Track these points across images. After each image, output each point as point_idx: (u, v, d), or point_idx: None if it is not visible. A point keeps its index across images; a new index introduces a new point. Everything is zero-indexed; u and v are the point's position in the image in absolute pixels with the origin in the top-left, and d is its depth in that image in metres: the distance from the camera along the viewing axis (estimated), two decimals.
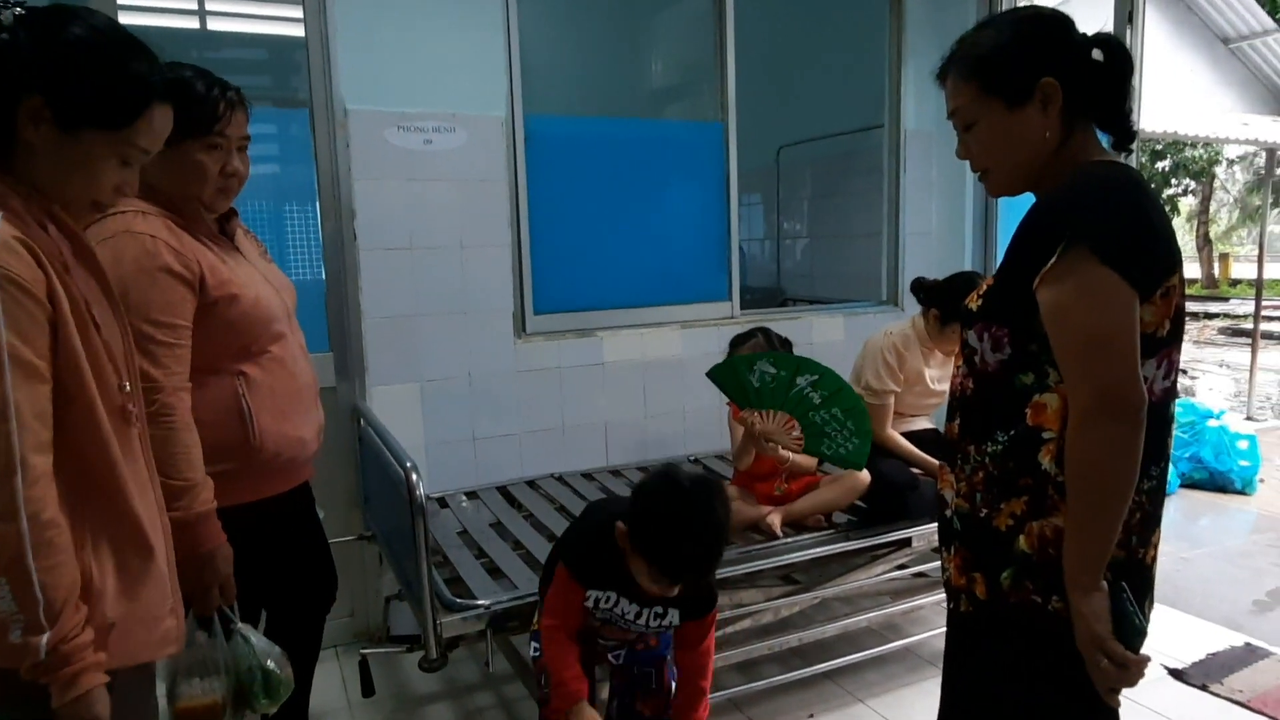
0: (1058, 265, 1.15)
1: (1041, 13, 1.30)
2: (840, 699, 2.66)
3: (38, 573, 1.06)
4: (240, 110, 1.78)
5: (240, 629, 1.71)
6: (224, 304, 1.72)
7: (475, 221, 3.07)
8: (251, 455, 1.79)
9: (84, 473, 1.17)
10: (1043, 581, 1.23)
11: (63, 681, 1.10)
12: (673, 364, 3.46)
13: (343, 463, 2.93)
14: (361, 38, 2.85)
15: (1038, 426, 1.23)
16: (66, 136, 1.13)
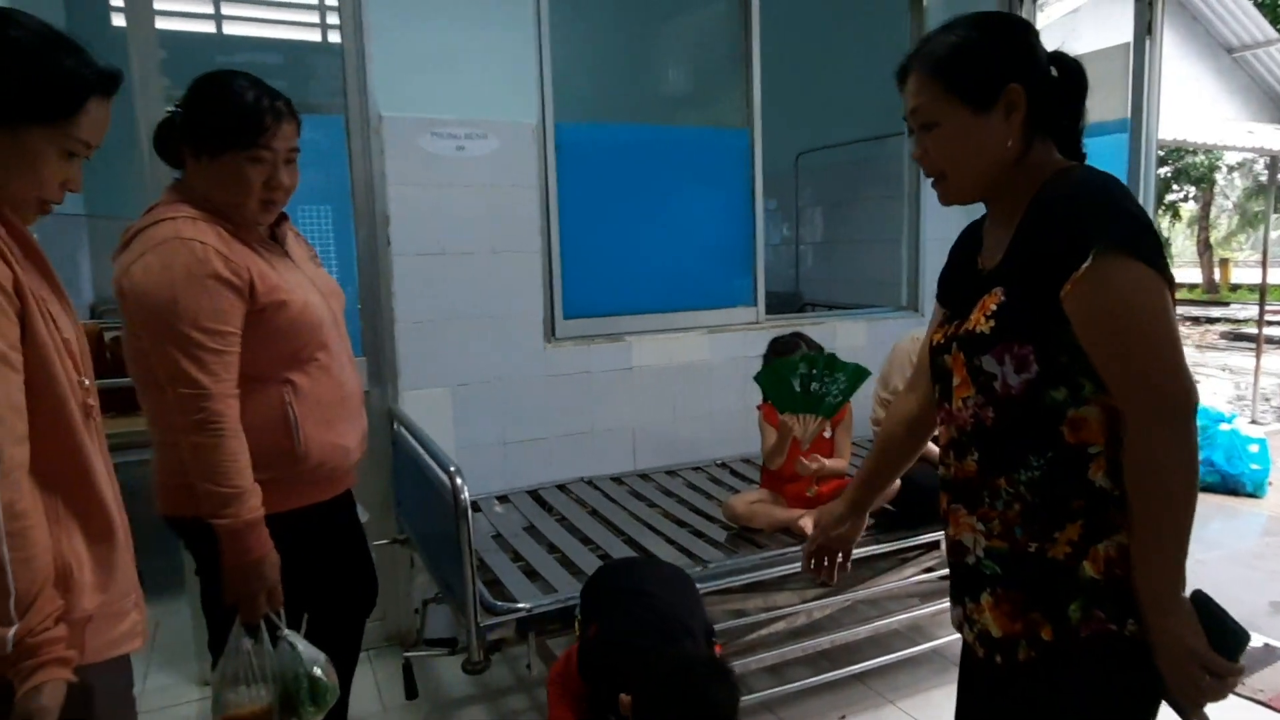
0: (1092, 272, 1.08)
1: (1009, 18, 1.27)
2: (871, 700, 2.68)
3: (10, 563, 1.06)
4: (288, 122, 1.75)
5: (287, 636, 1.72)
6: (272, 310, 1.71)
7: (506, 227, 3.10)
8: (296, 463, 1.78)
9: (58, 464, 1.18)
10: (1115, 607, 1.15)
11: (23, 674, 1.09)
12: (699, 368, 3.49)
13: (377, 466, 2.95)
14: (395, 45, 2.87)
15: (1081, 443, 1.16)
16: (6, 134, 1.15)
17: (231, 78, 1.73)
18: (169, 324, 1.59)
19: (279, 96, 1.75)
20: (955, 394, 1.26)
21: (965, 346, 1.22)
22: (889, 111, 4.02)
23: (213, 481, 1.62)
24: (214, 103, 1.70)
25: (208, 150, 1.70)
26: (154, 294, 1.60)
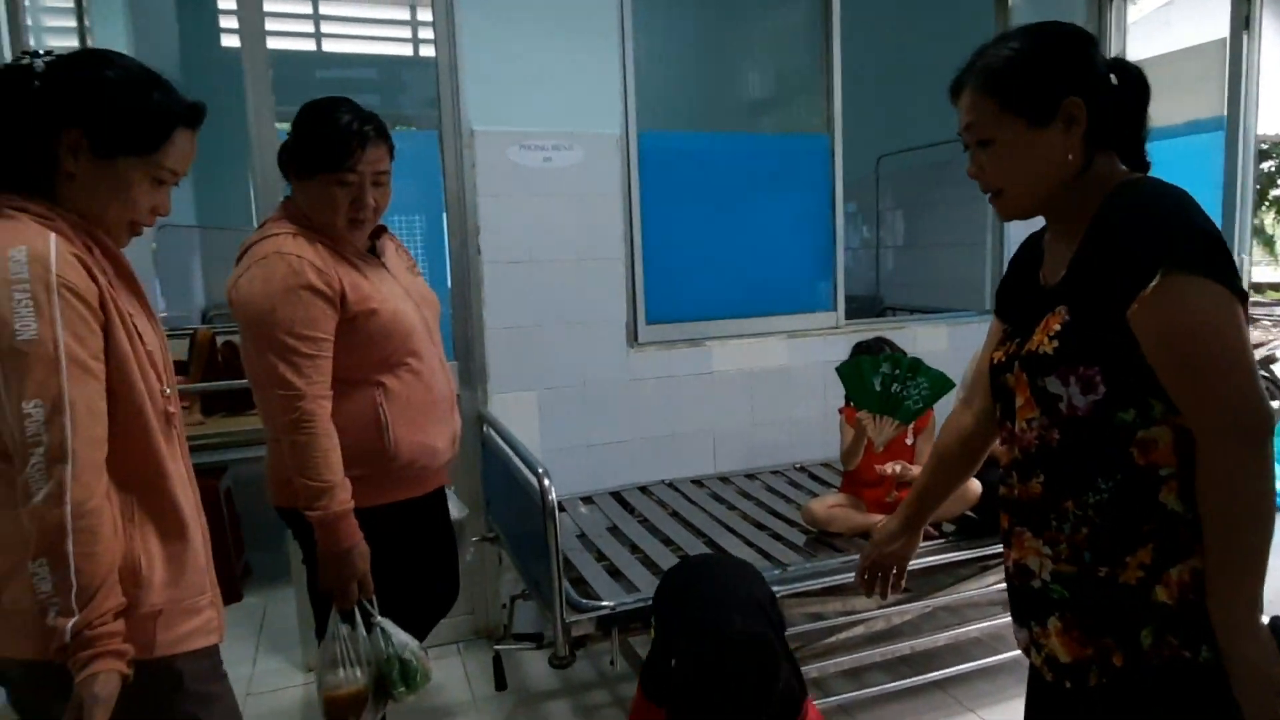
0: (1161, 290, 1.05)
1: (1066, 29, 1.21)
2: (951, 708, 2.68)
3: (74, 558, 1.13)
4: (376, 145, 1.86)
5: (380, 622, 1.85)
6: (364, 318, 1.84)
7: (590, 235, 3.19)
8: (387, 462, 1.90)
9: (134, 467, 1.26)
10: (1188, 633, 1.12)
11: (79, 664, 1.15)
12: (779, 373, 3.52)
13: (467, 467, 3.08)
14: (485, 63, 2.99)
15: (1151, 465, 1.13)
16: (103, 163, 1.25)
17: (332, 105, 1.86)
18: (268, 331, 1.74)
19: (371, 121, 1.87)
20: (1019, 415, 1.24)
21: (1028, 367, 1.20)
22: None
23: (306, 476, 1.75)
24: (308, 128, 1.85)
25: (303, 171, 1.85)
26: (255, 304, 1.76)
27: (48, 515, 1.12)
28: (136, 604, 1.22)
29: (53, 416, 1.12)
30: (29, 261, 1.13)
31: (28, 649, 1.19)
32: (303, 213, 1.87)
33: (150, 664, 1.24)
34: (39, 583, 1.12)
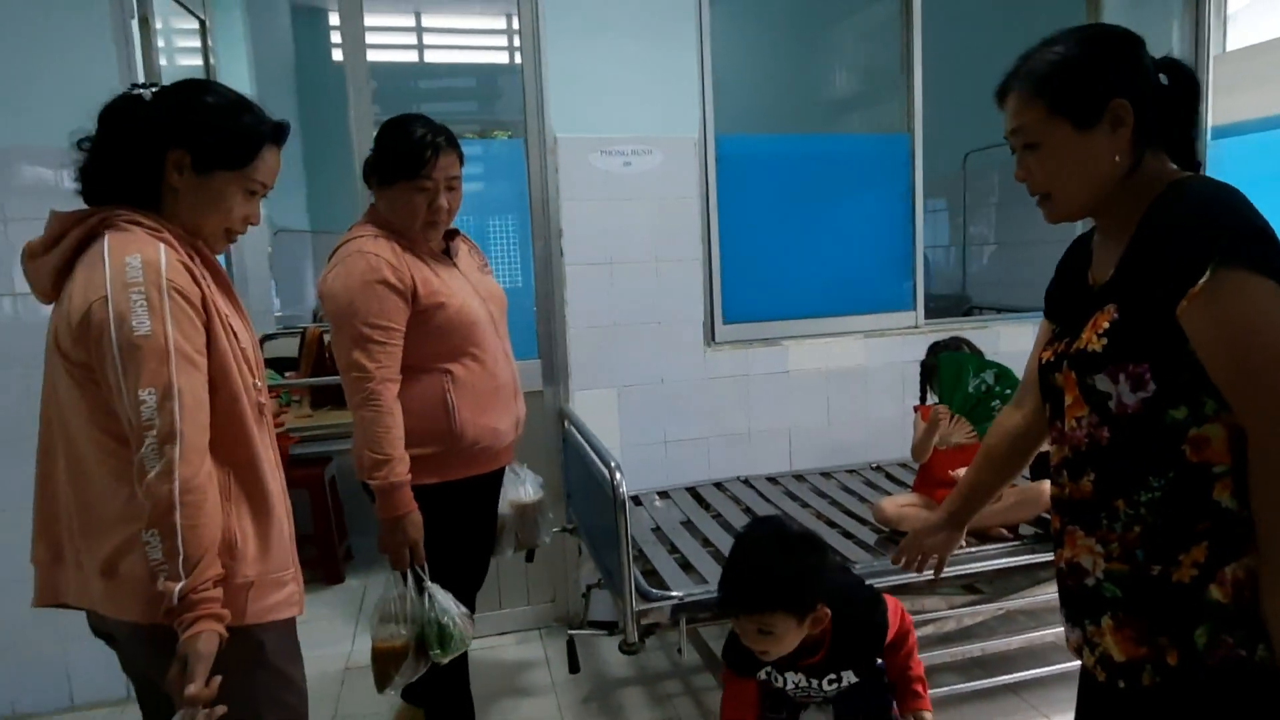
0: (1211, 287, 1.05)
1: (1111, 31, 1.22)
2: (1024, 713, 2.65)
3: (181, 529, 1.24)
4: (447, 153, 2.05)
5: (429, 588, 2.03)
6: (433, 311, 2.03)
7: (669, 237, 3.28)
8: (454, 441, 2.09)
9: (231, 451, 1.38)
10: (1244, 632, 1.11)
11: (184, 625, 1.25)
12: (856, 373, 3.53)
13: (549, 460, 3.21)
14: (569, 71, 3.12)
15: (1204, 463, 1.12)
16: (202, 178, 1.39)
17: (408, 120, 2.07)
18: (346, 321, 1.96)
19: (442, 132, 2.07)
20: (1068, 414, 1.24)
21: (1076, 365, 1.20)
22: None
23: (370, 449, 1.96)
24: (388, 141, 2.06)
25: (384, 180, 2.06)
26: (338, 297, 1.98)
27: (159, 490, 1.24)
28: (231, 575, 1.34)
29: (163, 402, 1.25)
30: (143, 267, 1.27)
31: (137, 613, 1.32)
32: (384, 217, 2.08)
33: (240, 631, 1.35)
34: (151, 551, 1.25)
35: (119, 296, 1.25)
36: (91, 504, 1.34)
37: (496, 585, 3.29)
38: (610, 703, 2.84)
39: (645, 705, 2.81)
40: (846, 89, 4.86)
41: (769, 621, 1.70)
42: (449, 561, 2.15)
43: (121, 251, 1.28)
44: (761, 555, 1.74)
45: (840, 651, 1.83)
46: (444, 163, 2.04)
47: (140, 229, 1.33)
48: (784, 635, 1.72)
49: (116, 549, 1.31)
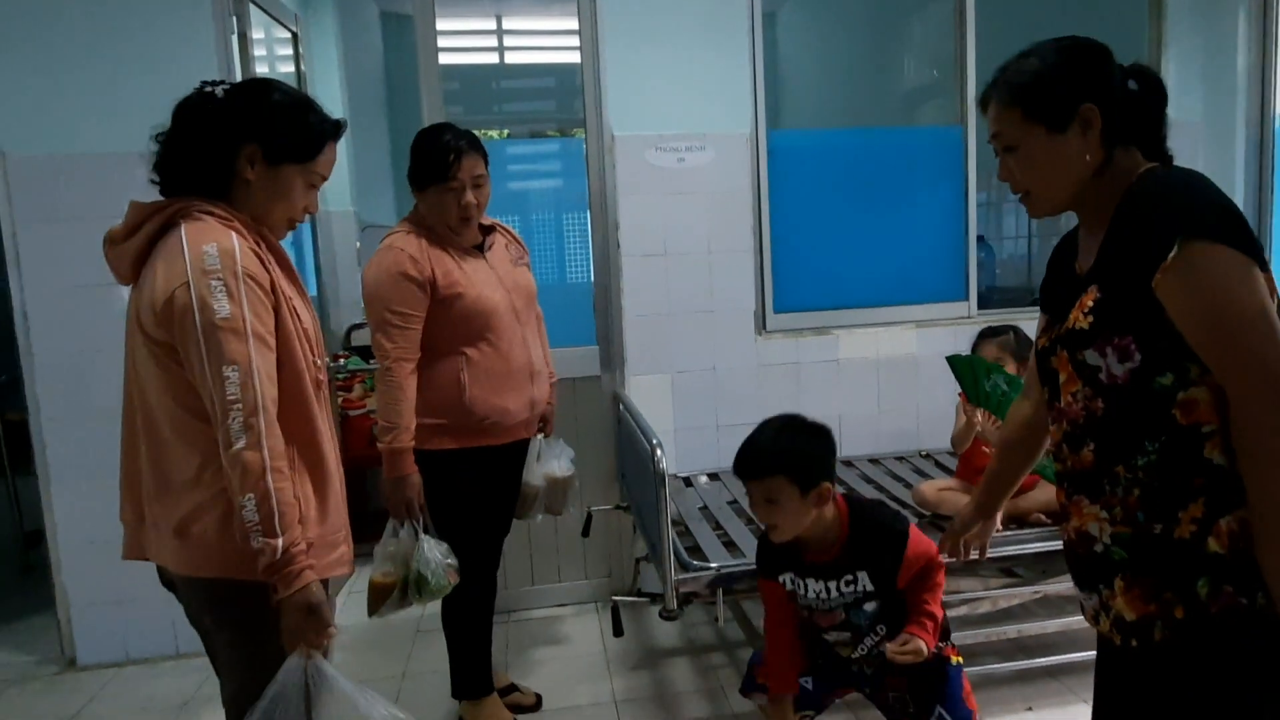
0: (1179, 261, 1.13)
1: (1081, 42, 1.31)
2: (1061, 695, 2.69)
3: (275, 493, 1.35)
4: (470, 156, 2.29)
5: (422, 539, 2.26)
6: (450, 300, 2.28)
7: (721, 229, 3.41)
8: (464, 415, 2.33)
9: (295, 424, 1.47)
10: (1243, 580, 1.18)
11: (289, 577, 1.36)
12: (907, 362, 3.59)
13: (605, 442, 3.39)
14: (625, 72, 3.28)
15: (1194, 424, 1.19)
16: (272, 171, 1.50)
17: (436, 130, 2.34)
18: (372, 307, 2.26)
19: (465, 137, 2.32)
20: (1063, 390, 1.32)
21: (1067, 344, 1.29)
22: None
23: (382, 416, 2.26)
24: (419, 151, 2.32)
25: (419, 185, 2.33)
26: (368, 286, 2.29)
27: (250, 458, 1.35)
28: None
29: (246, 380, 1.35)
30: (220, 255, 1.38)
31: (207, 569, 1.44)
32: (422, 216, 2.34)
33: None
34: (247, 515, 1.35)
35: (200, 283, 1.36)
36: (167, 471, 1.45)
37: (556, 560, 3.49)
38: (657, 672, 2.99)
39: (690, 675, 2.96)
40: (902, 82, 4.87)
41: (773, 488, 1.84)
42: (464, 516, 2.41)
43: (199, 240, 1.39)
44: (771, 430, 1.91)
45: (855, 549, 1.91)
46: (468, 164, 2.28)
47: (213, 218, 1.44)
48: (788, 506, 1.85)
49: (188, 513, 1.43)
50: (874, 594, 1.93)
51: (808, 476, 1.84)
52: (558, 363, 2.76)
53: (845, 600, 1.95)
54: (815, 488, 1.85)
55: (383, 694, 2.75)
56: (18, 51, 2.89)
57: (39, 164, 2.94)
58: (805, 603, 1.99)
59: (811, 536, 1.92)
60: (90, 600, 3.10)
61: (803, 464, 1.85)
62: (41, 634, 3.32)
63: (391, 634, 3.30)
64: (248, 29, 3.23)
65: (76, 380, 2.97)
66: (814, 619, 2.01)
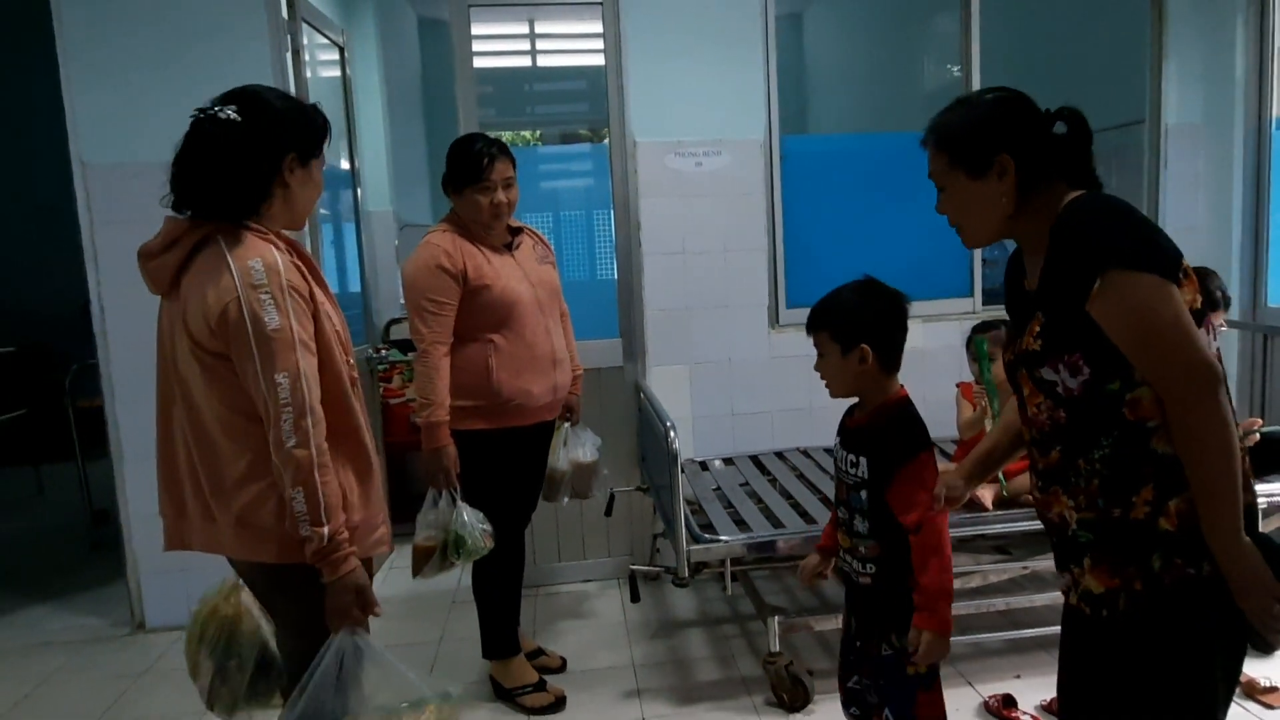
0: (1105, 288, 1.27)
1: (1005, 96, 1.46)
2: (1048, 665, 2.79)
3: (321, 486, 1.47)
4: (501, 160, 2.56)
5: (459, 506, 2.51)
6: (479, 291, 2.54)
7: (736, 229, 3.64)
8: (493, 397, 2.58)
9: (338, 420, 1.57)
10: (1190, 553, 1.30)
11: (336, 562, 1.48)
12: (914, 355, 3.63)
13: (627, 428, 3.63)
14: (647, 80, 3.52)
15: (1140, 420, 1.32)
16: (306, 169, 1.61)
17: (469, 139, 2.62)
18: (410, 296, 2.57)
19: (495, 144, 2.60)
20: (1029, 403, 1.46)
21: (1025, 364, 1.43)
22: (1131, 99, 4.02)
23: (420, 392, 2.55)
24: (455, 157, 2.58)
25: (455, 189, 2.60)
26: (408, 277, 2.57)
27: (300, 456, 1.46)
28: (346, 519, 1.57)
29: (295, 384, 1.46)
30: (265, 270, 1.48)
31: (266, 554, 1.56)
32: (459, 217, 2.62)
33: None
34: (296, 505, 1.46)
35: (250, 297, 1.46)
36: (219, 469, 1.55)
37: (581, 539, 3.73)
38: (673, 640, 3.22)
39: (704, 644, 3.19)
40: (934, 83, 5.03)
41: (820, 341, 1.89)
42: (496, 490, 2.66)
43: (245, 256, 1.49)
44: (839, 290, 1.91)
45: (871, 431, 1.87)
46: (499, 167, 2.56)
47: (250, 234, 1.53)
48: (831, 361, 1.87)
49: (247, 505, 1.53)
50: (866, 483, 1.83)
51: (848, 335, 1.83)
52: (584, 354, 3.01)
53: (849, 480, 1.89)
54: (855, 348, 1.83)
55: (421, 656, 3.06)
56: (97, 73, 3.20)
57: (113, 172, 3.24)
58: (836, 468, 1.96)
59: (860, 400, 1.94)
60: (157, 568, 3.40)
61: (845, 322, 1.84)
62: (113, 600, 3.64)
63: (430, 604, 3.57)
64: (300, 45, 3.50)
65: (147, 368, 3.22)
66: (838, 487, 1.96)
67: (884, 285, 1.91)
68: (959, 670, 2.88)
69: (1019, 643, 2.94)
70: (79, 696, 3.01)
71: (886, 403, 1.89)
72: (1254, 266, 3.80)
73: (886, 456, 1.82)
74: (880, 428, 1.86)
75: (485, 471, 2.63)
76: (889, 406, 1.89)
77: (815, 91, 5.02)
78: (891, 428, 1.85)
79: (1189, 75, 3.89)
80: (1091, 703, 1.45)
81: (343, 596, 1.51)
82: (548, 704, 2.75)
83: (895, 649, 1.86)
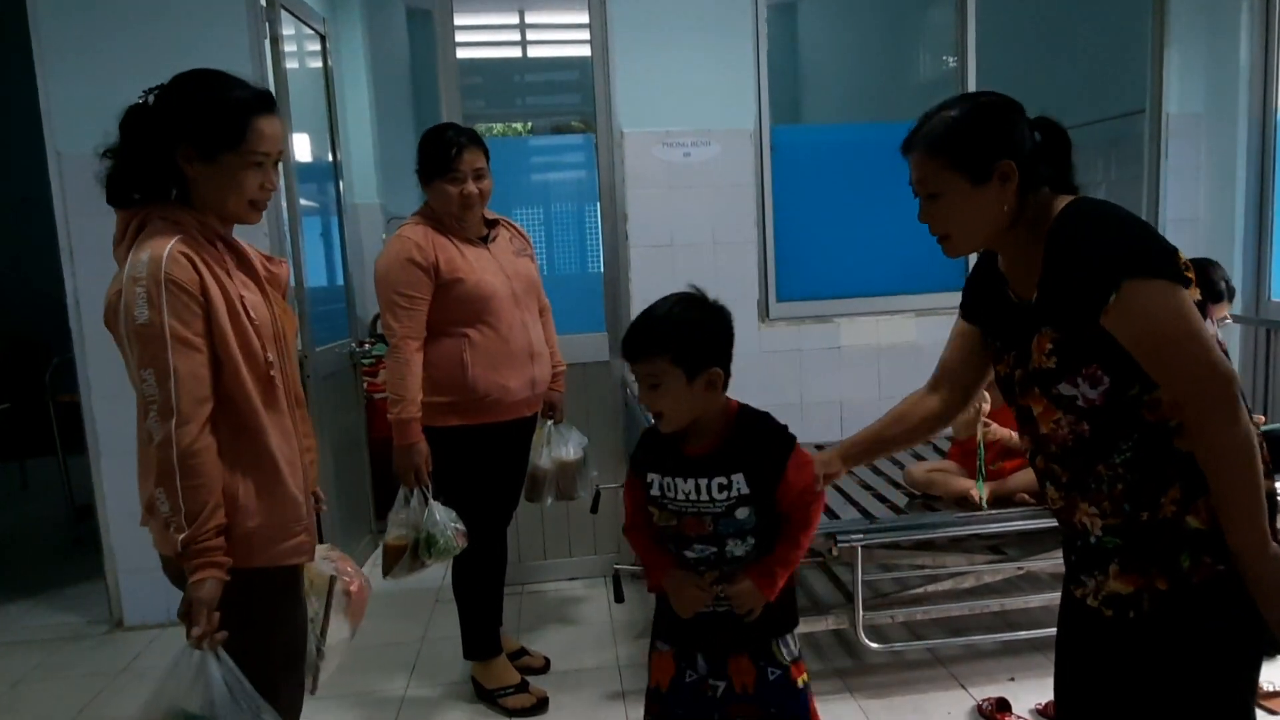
0: (1120, 302, 1.25)
1: (998, 100, 1.42)
2: (1044, 668, 2.80)
3: (182, 489, 1.40)
4: (471, 150, 2.49)
5: (431, 504, 2.44)
6: (451, 285, 2.47)
7: (726, 221, 3.57)
8: (468, 392, 2.52)
9: (235, 419, 1.50)
10: (1219, 550, 1.29)
11: (190, 569, 1.41)
12: (908, 349, 3.71)
13: (614, 424, 3.56)
14: (633, 68, 3.44)
15: (1160, 421, 1.30)
16: (210, 165, 1.49)
17: (439, 128, 2.56)
18: (381, 289, 2.48)
19: (465, 133, 2.53)
20: (1041, 420, 1.41)
21: (1038, 382, 1.39)
22: (1132, 88, 3.94)
23: (391, 389, 2.48)
24: (425, 148, 2.51)
25: (426, 180, 2.53)
26: (379, 271, 2.50)
27: (161, 456, 1.40)
28: (234, 525, 1.49)
29: (162, 381, 1.40)
30: (148, 263, 1.42)
31: (166, 548, 1.51)
32: (431, 209, 2.54)
33: (245, 572, 1.49)
34: (160, 506, 1.41)
35: (128, 290, 1.42)
36: (140, 453, 1.51)
37: (567, 536, 3.67)
38: None
39: None
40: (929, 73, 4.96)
41: (657, 370, 1.64)
42: (474, 488, 2.59)
43: (139, 249, 1.45)
44: (660, 308, 1.71)
45: (736, 446, 1.69)
46: (468, 158, 2.48)
47: (164, 224, 1.48)
48: (673, 390, 1.64)
49: (151, 494, 1.47)
50: (749, 498, 1.67)
51: (694, 360, 1.64)
52: (569, 348, 2.93)
53: (716, 508, 1.68)
54: (703, 373, 1.65)
55: (402, 656, 2.98)
56: (73, 61, 3.13)
57: (89, 162, 3.14)
58: (675, 507, 1.71)
59: (695, 425, 1.71)
60: (136, 566, 3.34)
61: (689, 346, 1.64)
62: (92, 598, 3.59)
63: (412, 602, 3.51)
64: (279, 33, 3.43)
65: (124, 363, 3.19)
66: (682, 528, 1.72)
67: (708, 298, 1.74)
68: (951, 673, 2.82)
69: (1013, 645, 2.87)
70: (54, 696, 2.95)
71: (731, 415, 1.73)
72: (1257, 260, 3.72)
73: (770, 459, 1.68)
74: (747, 438, 1.70)
75: (463, 469, 2.57)
76: (742, 416, 1.74)
77: (808, 81, 4.95)
78: (759, 433, 1.72)
79: (1191, 63, 3.81)
80: (1112, 706, 1.42)
81: (185, 607, 1.41)
82: (529, 705, 2.69)
83: (782, 665, 1.75)
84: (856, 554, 2.61)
